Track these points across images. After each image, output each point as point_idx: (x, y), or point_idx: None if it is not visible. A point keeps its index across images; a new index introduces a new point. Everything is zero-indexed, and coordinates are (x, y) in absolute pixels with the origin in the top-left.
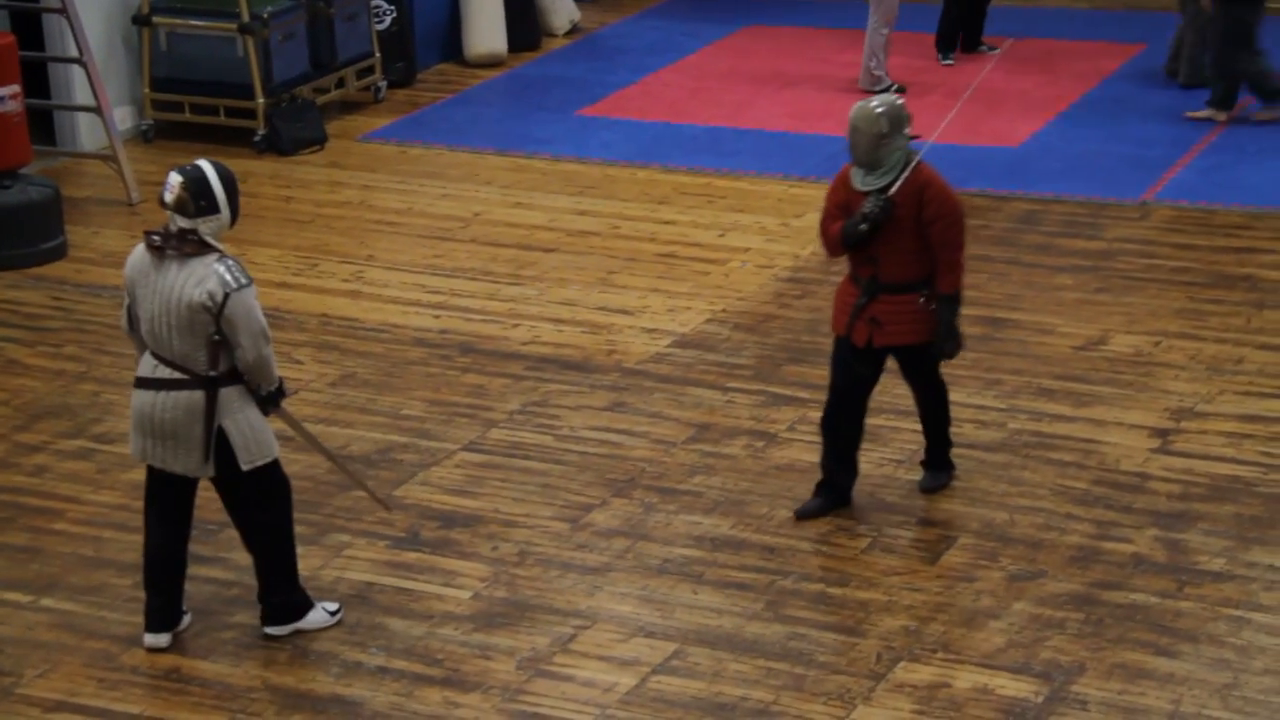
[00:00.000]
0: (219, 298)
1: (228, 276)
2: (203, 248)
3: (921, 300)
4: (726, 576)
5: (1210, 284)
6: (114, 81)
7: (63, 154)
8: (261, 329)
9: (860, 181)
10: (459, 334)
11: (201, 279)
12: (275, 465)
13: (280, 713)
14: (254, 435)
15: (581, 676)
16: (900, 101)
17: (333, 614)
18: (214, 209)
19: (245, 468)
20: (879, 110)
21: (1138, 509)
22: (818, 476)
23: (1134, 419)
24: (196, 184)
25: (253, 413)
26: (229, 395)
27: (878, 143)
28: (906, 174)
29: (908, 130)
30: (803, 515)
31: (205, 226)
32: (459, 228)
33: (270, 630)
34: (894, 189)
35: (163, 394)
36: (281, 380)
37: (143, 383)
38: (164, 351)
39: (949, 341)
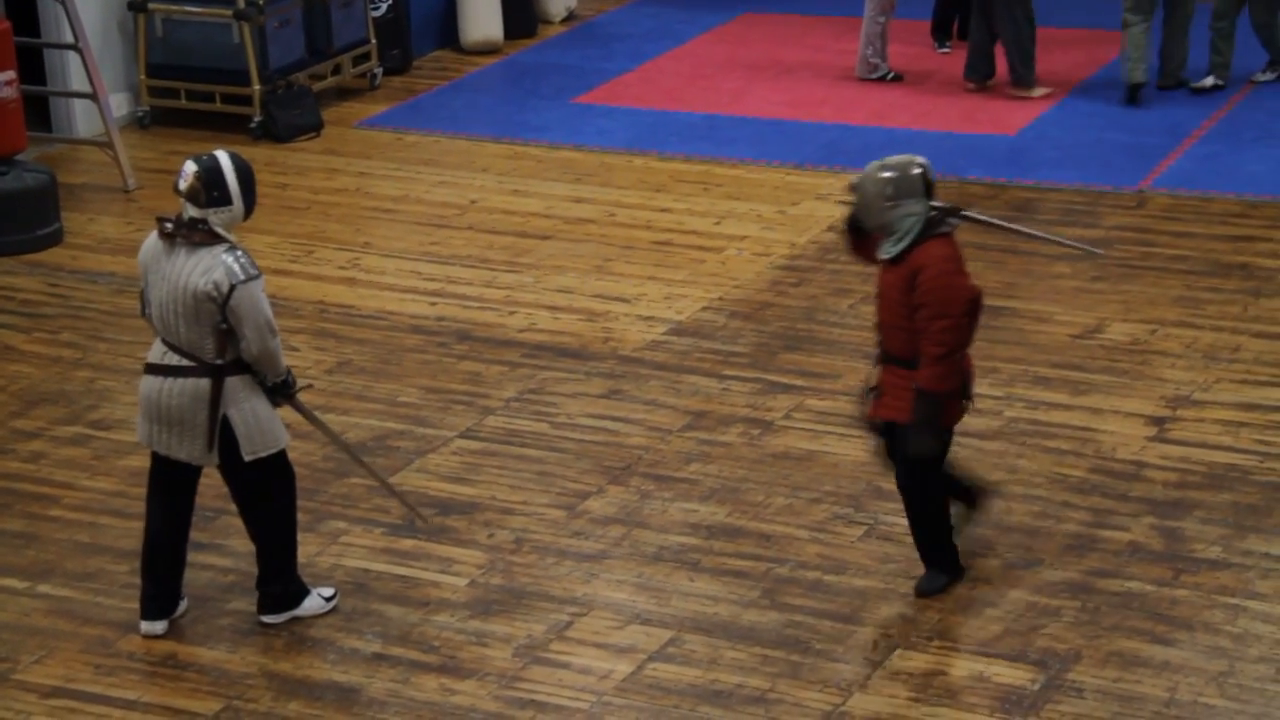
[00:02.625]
0: (224, 289)
1: (235, 268)
2: (212, 238)
3: (914, 382)
4: (723, 564)
5: (1207, 272)
6: (110, 68)
7: (59, 140)
8: (267, 321)
9: (882, 249)
10: (455, 321)
11: (209, 269)
12: (280, 456)
13: (277, 699)
14: (258, 425)
15: (578, 664)
16: (918, 170)
17: (328, 599)
18: (226, 200)
19: (248, 458)
20: (886, 174)
21: (1134, 497)
22: (813, 464)
23: (1130, 407)
24: (210, 174)
25: (259, 403)
26: (235, 384)
27: (881, 206)
28: (908, 243)
29: (926, 198)
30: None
31: (216, 217)
32: (455, 215)
33: (266, 619)
34: (891, 255)
35: (170, 380)
36: (289, 371)
37: (151, 368)
38: (172, 338)
39: (916, 438)
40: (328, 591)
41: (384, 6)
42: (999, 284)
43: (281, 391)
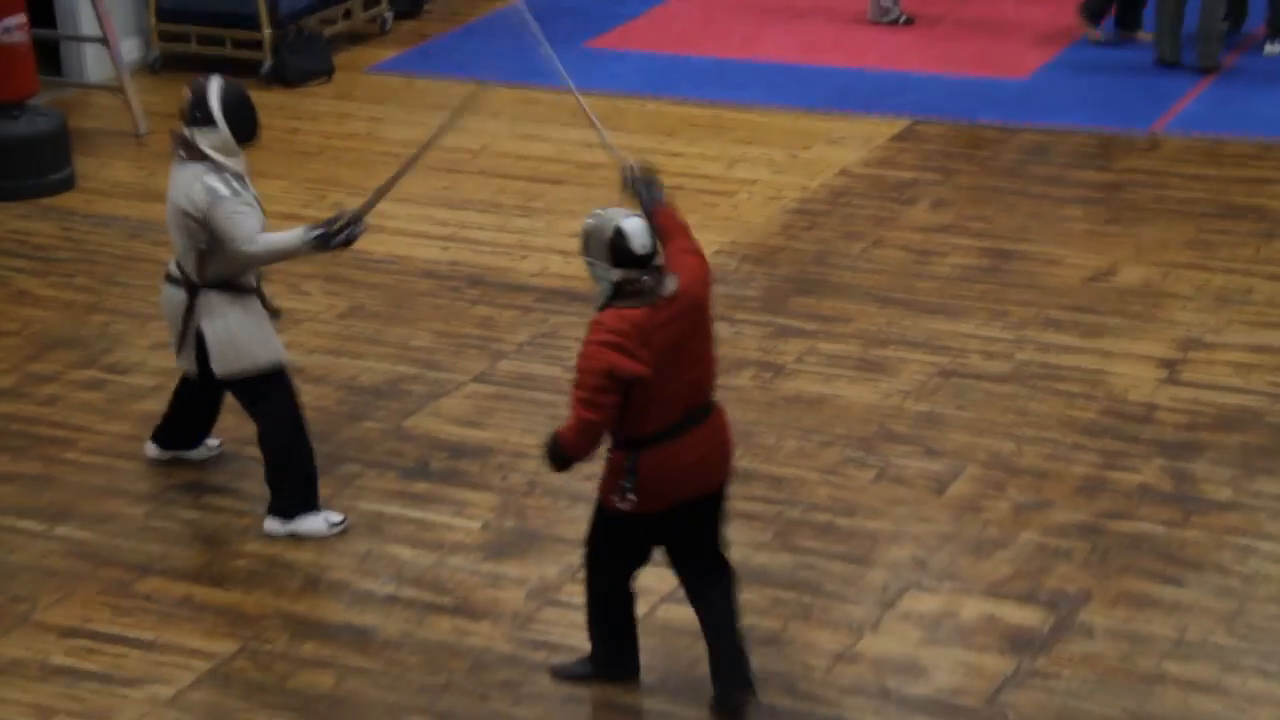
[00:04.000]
0: (202, 206)
1: (214, 184)
2: (199, 155)
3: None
4: (734, 507)
5: (1219, 215)
6: (120, 13)
7: (70, 85)
8: (245, 235)
9: None
10: (468, 266)
11: (189, 185)
12: (264, 378)
13: (292, 640)
14: (231, 342)
15: None
16: (615, 230)
17: (334, 525)
18: (209, 121)
19: (218, 373)
20: (587, 223)
21: (1145, 439)
22: (825, 407)
23: (1142, 350)
24: (196, 94)
25: (239, 320)
26: (211, 300)
27: (582, 254)
28: (599, 305)
29: (616, 266)
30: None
31: (203, 138)
32: (467, 159)
33: (267, 526)
34: None
35: (166, 287)
36: (307, 231)
37: (165, 275)
38: (174, 248)
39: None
40: (336, 517)
41: None
42: (1010, 227)
43: (326, 244)
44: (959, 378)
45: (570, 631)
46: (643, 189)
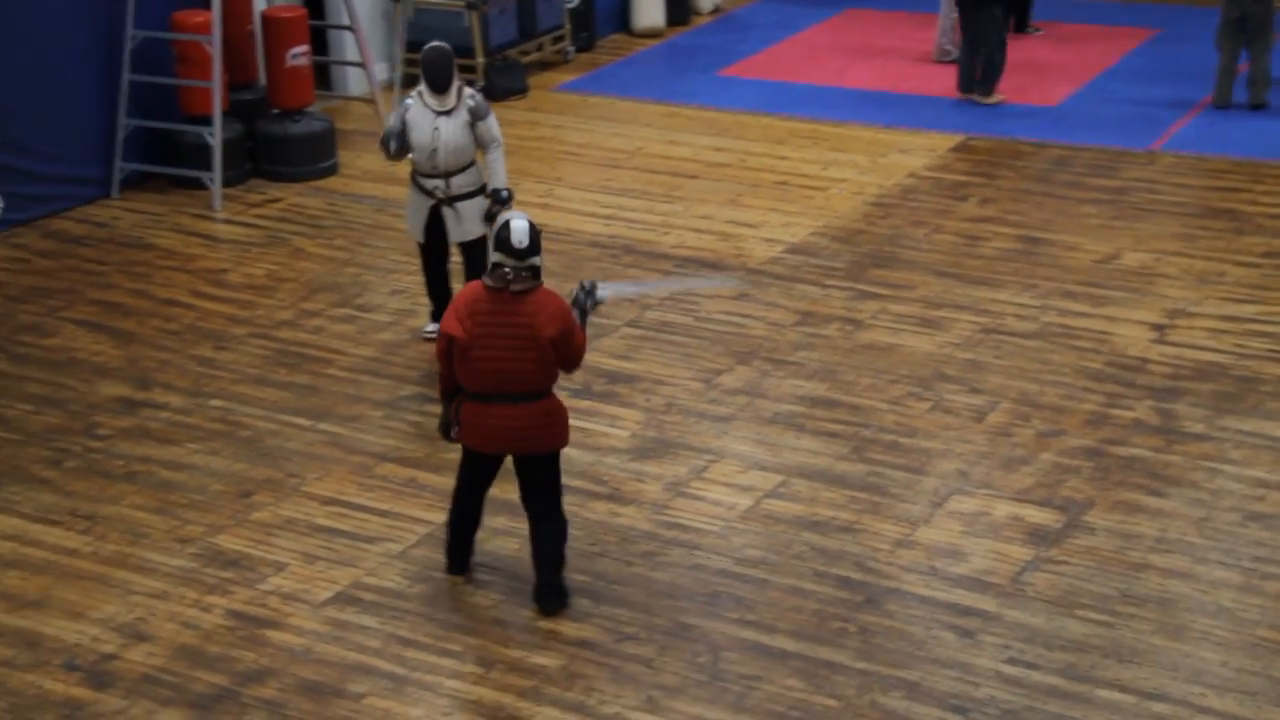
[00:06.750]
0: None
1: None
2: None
3: None
4: (822, 427)
5: (1201, 215)
6: (375, 44)
7: (336, 97)
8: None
9: None
10: (624, 238)
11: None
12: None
13: (488, 514)
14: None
15: (711, 497)
16: (503, 224)
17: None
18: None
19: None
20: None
21: (1139, 385)
22: (892, 353)
23: (1138, 316)
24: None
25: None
26: None
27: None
28: None
29: (494, 248)
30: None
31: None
32: (625, 158)
33: None
34: None
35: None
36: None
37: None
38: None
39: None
40: (430, 328)
41: (576, 0)
42: (1039, 220)
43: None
44: (997, 334)
45: (695, 517)
46: (583, 301)
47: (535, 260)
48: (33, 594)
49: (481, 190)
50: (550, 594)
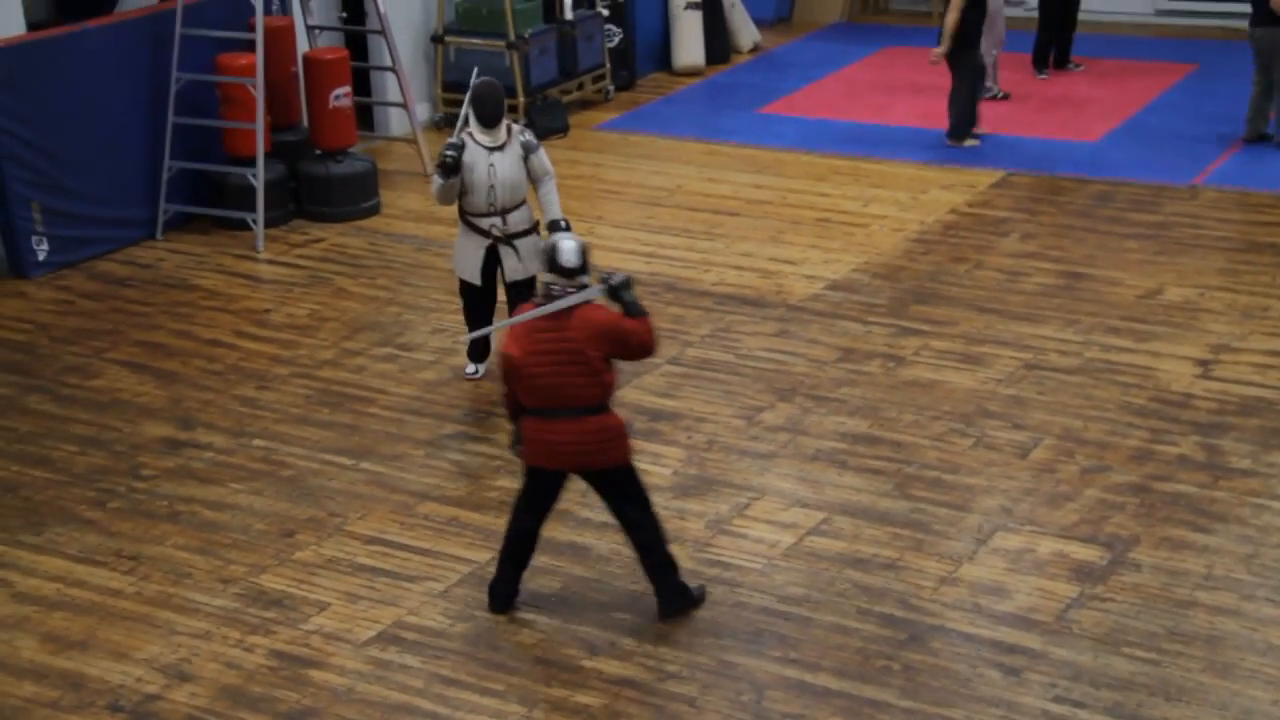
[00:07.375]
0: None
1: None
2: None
3: None
4: (864, 464)
5: (1244, 249)
6: (416, 84)
7: (378, 138)
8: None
9: None
10: (664, 276)
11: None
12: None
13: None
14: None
15: (753, 535)
16: (551, 245)
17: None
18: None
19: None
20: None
21: (1184, 420)
22: (934, 390)
23: (1182, 351)
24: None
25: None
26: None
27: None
28: None
29: (546, 269)
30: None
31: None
32: (665, 196)
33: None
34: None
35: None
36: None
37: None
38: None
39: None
40: (470, 369)
41: (616, 39)
42: (1081, 255)
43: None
44: (1039, 370)
45: (737, 554)
46: (618, 294)
47: (584, 279)
48: (77, 635)
49: (535, 228)
50: (666, 597)
